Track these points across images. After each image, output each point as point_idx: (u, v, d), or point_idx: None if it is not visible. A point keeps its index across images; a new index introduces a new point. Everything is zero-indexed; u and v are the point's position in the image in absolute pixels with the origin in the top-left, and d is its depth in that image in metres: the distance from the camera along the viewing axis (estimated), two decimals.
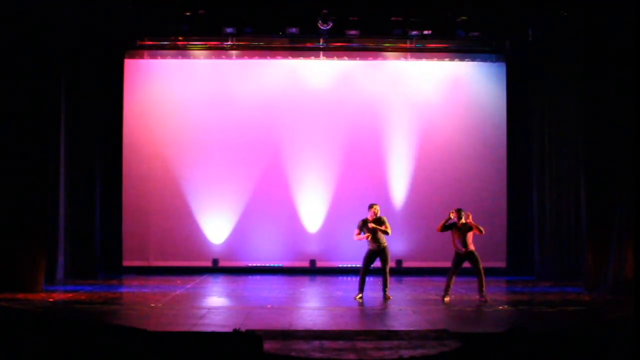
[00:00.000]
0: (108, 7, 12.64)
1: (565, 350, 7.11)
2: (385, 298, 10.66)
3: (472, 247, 10.65)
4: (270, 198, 14.63)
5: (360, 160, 14.78)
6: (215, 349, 6.97)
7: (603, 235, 11.29)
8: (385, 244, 10.74)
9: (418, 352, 6.83)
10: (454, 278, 10.73)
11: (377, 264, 10.86)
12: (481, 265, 10.58)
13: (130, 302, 10.78)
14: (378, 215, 10.72)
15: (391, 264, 10.96)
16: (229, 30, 13.70)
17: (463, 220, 10.63)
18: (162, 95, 14.72)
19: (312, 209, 14.67)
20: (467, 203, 14.32)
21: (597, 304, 10.37)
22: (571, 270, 13.12)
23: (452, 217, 10.71)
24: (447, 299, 10.62)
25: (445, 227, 10.75)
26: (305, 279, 13.74)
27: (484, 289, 10.60)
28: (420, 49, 14.77)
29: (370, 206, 10.79)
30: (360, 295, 10.71)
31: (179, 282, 12.83)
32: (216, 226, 14.60)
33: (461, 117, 14.90)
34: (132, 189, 14.52)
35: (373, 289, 11.70)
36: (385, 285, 10.74)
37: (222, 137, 14.69)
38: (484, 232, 10.65)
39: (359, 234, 10.80)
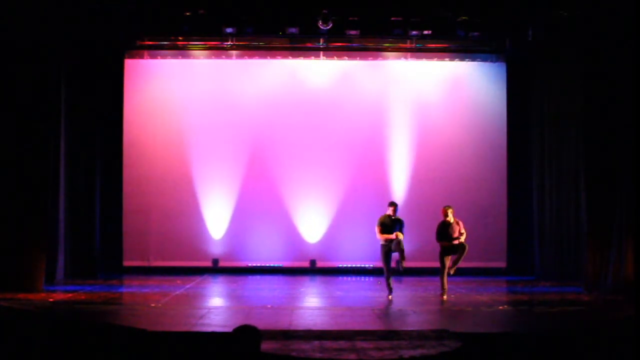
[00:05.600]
0: (108, 7, 12.64)
1: (565, 350, 7.11)
2: (400, 267, 10.68)
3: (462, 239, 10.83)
4: (270, 198, 14.62)
5: (361, 160, 14.76)
6: (215, 349, 6.97)
7: (603, 235, 11.28)
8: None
9: (418, 352, 6.84)
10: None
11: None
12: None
13: (130, 302, 10.79)
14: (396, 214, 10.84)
15: (392, 264, 10.97)
16: (229, 30, 13.69)
17: (450, 219, 10.80)
18: (162, 95, 14.72)
19: (313, 208, 14.65)
20: (467, 203, 14.44)
21: (597, 304, 10.36)
22: (571, 270, 13.10)
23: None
24: (445, 297, 10.69)
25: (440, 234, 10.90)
26: (305, 279, 13.73)
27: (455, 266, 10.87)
28: (420, 49, 14.76)
29: (393, 204, 10.98)
30: (390, 295, 10.80)
31: (179, 282, 12.83)
32: (216, 226, 14.60)
33: (461, 117, 14.90)
34: (132, 189, 14.51)
35: (373, 289, 11.71)
36: (402, 258, 10.66)
37: (222, 137, 14.68)
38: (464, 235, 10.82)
39: (381, 231, 10.76)
